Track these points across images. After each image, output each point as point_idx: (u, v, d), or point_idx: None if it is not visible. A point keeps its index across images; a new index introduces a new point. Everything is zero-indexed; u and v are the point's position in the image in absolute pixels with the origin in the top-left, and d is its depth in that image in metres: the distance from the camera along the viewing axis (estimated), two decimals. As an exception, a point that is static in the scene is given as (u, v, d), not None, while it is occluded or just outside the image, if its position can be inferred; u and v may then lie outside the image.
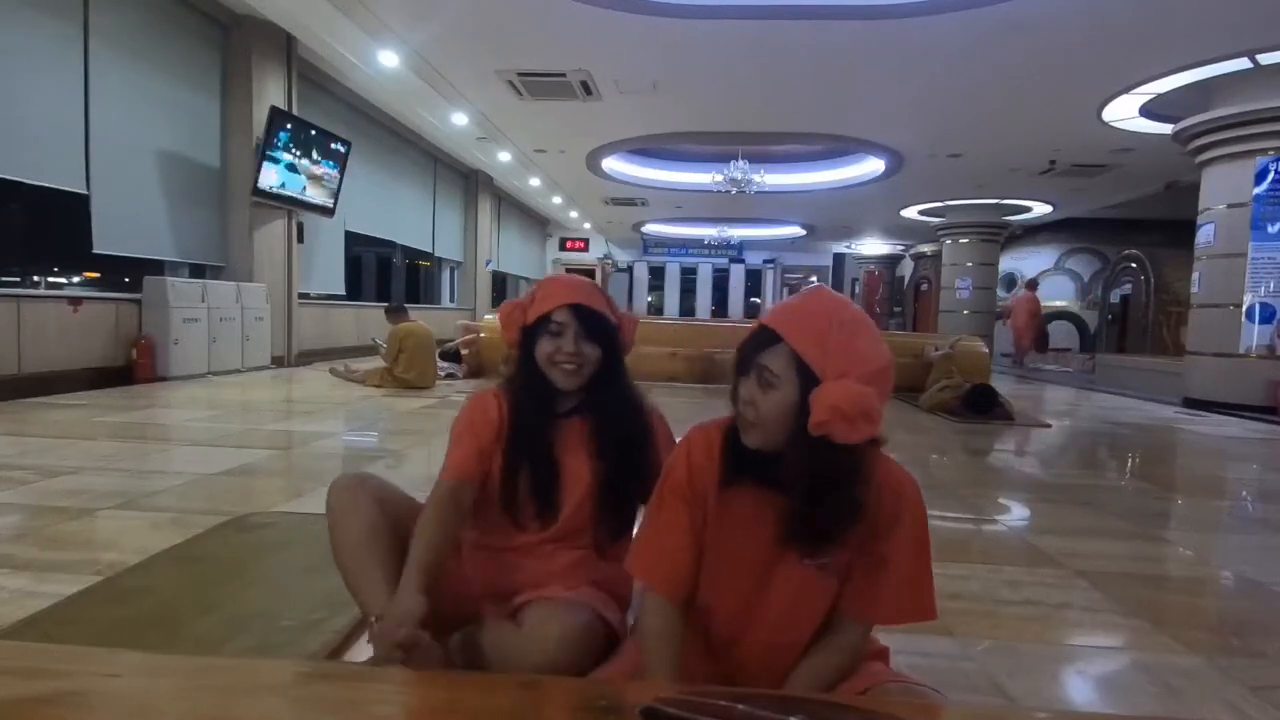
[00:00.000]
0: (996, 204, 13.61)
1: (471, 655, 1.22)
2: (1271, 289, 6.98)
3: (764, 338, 0.96)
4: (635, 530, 1.20)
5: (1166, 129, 7.91)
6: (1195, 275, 7.66)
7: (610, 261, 21.96)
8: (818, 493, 0.94)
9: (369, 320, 9.48)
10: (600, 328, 1.30)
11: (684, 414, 3.33)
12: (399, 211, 11.37)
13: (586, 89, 7.92)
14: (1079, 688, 1.57)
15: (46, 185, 5.35)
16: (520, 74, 7.62)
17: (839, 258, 23.44)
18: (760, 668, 1.07)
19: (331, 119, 8.72)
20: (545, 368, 1.29)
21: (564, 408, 1.34)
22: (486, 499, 1.32)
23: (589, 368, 1.29)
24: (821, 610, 1.04)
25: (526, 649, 1.14)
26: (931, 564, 1.02)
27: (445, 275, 14.38)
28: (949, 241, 15.26)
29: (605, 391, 1.33)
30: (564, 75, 7.56)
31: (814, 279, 24.25)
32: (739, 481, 1.02)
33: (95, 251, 5.74)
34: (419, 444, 3.98)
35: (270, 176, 7.25)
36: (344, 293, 9.94)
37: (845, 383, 0.89)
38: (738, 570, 1.04)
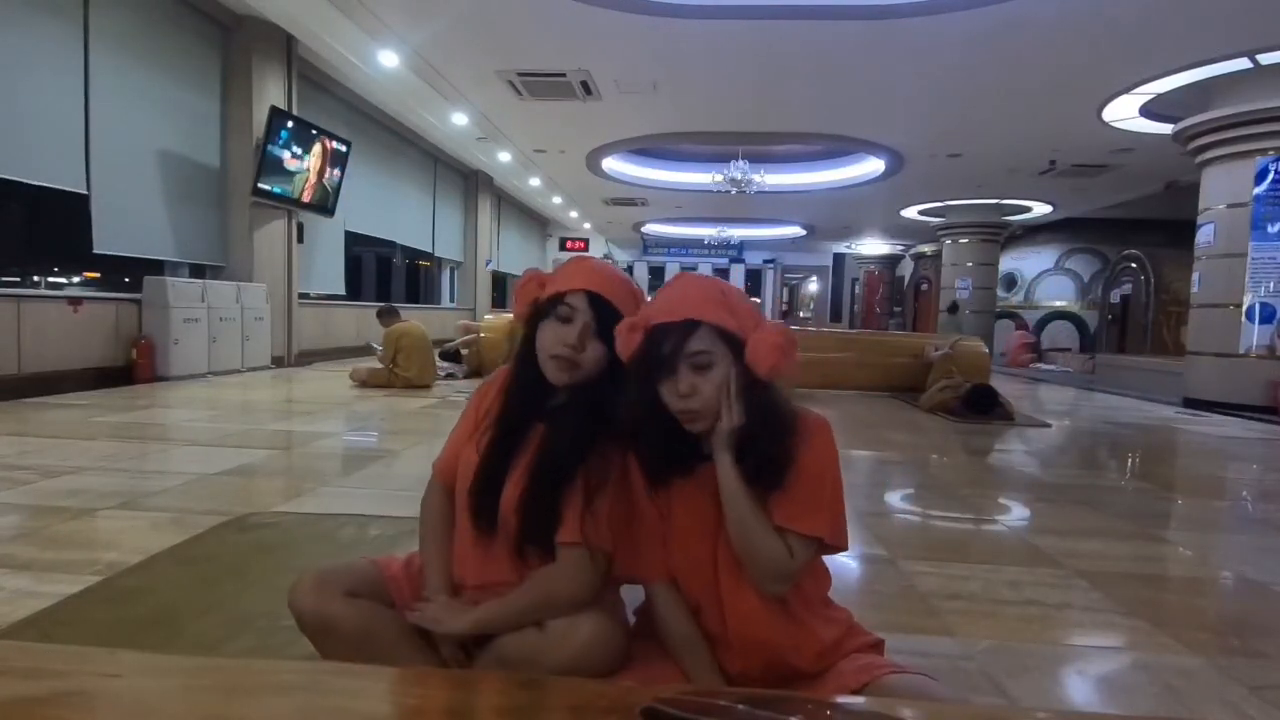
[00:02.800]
0: (996, 204, 13.61)
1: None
2: (1271, 289, 6.99)
3: (679, 332, 1.02)
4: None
5: (1166, 129, 7.91)
6: (1195, 275, 7.66)
7: (610, 261, 21.96)
8: (768, 427, 1.04)
9: (369, 320, 9.49)
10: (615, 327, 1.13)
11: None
12: (399, 211, 11.37)
13: (586, 89, 7.92)
14: (1079, 688, 1.57)
15: (46, 185, 5.36)
16: (520, 74, 7.62)
17: (839, 258, 23.46)
18: (748, 636, 1.09)
19: (332, 119, 8.72)
20: (541, 358, 1.14)
21: (554, 403, 1.18)
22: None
23: (586, 368, 1.13)
24: None
25: (548, 650, 1.06)
26: (837, 496, 1.08)
27: (445, 275, 14.39)
28: (949, 241, 15.27)
29: (580, 395, 1.15)
30: (564, 75, 7.56)
31: (814, 279, 24.31)
32: (666, 481, 1.10)
33: (95, 251, 5.75)
34: (418, 444, 3.98)
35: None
36: (344, 293, 9.95)
37: (765, 328, 1.03)
38: (701, 551, 1.10)
